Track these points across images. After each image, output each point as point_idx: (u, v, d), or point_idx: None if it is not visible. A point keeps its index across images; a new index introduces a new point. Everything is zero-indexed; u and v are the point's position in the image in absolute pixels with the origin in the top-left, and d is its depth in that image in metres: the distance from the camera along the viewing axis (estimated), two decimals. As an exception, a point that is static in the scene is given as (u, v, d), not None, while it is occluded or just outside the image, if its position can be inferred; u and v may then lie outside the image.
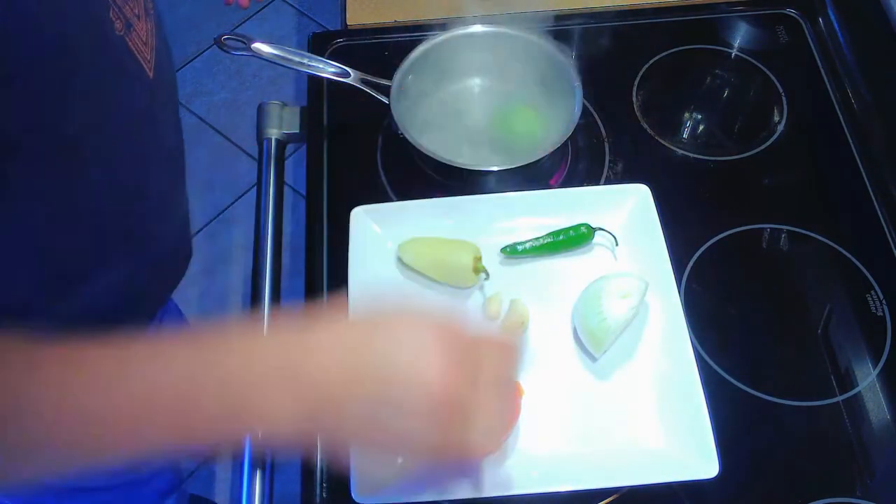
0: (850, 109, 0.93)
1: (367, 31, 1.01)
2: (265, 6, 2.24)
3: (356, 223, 0.77)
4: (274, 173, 0.90)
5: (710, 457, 0.63)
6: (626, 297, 0.70)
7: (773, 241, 0.84)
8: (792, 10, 1.02)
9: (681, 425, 0.67)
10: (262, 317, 0.80)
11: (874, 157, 0.89)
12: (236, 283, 1.79)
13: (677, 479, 0.64)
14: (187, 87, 2.11)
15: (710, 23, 1.02)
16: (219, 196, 1.93)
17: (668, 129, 0.93)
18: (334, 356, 0.47)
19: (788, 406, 0.74)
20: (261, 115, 0.95)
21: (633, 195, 0.78)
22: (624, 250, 0.78)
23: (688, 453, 0.65)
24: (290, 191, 1.18)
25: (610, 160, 0.90)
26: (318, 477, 0.71)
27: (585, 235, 0.77)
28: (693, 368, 0.67)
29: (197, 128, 2.04)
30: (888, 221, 0.85)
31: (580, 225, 0.77)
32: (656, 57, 0.98)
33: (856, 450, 0.72)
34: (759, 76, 0.97)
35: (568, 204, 0.79)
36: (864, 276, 0.81)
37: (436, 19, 0.98)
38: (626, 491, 0.68)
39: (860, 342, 0.77)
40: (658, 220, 0.76)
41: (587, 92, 0.85)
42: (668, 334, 0.71)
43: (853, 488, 0.70)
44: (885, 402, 0.74)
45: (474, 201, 0.79)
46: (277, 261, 0.85)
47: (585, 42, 1.00)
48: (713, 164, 0.90)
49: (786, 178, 0.89)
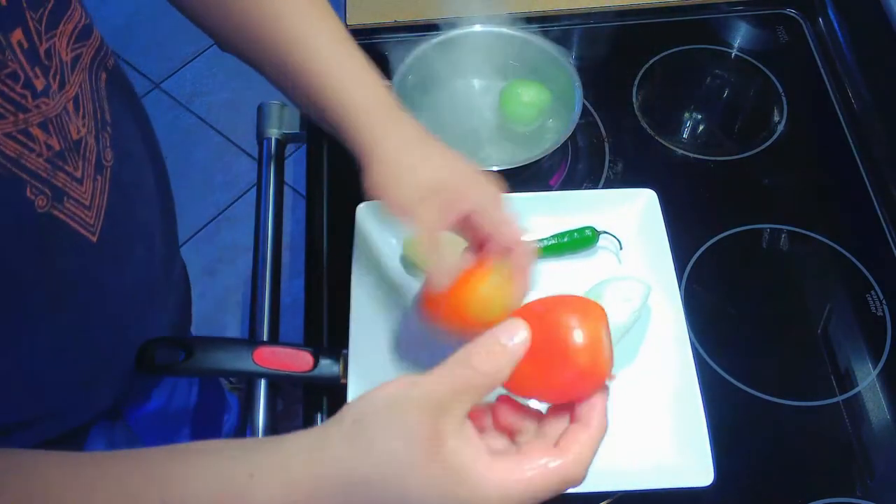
0: (850, 109, 0.93)
1: (367, 31, 1.01)
2: (265, 6, 2.24)
3: (361, 220, 0.77)
4: (274, 173, 0.90)
5: (706, 466, 0.63)
6: (628, 301, 0.70)
7: (773, 241, 0.84)
8: (792, 10, 1.02)
9: (678, 432, 0.67)
10: (262, 319, 0.80)
11: (874, 157, 0.89)
12: (236, 283, 1.79)
13: (671, 485, 0.64)
14: (187, 87, 2.11)
15: (710, 23, 1.02)
16: (219, 196, 1.93)
17: (668, 129, 0.93)
18: None
19: (788, 406, 0.74)
20: (261, 115, 0.95)
21: (640, 199, 0.78)
22: (628, 254, 0.78)
23: (684, 460, 0.65)
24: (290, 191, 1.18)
25: (610, 160, 0.90)
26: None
27: (590, 238, 0.77)
28: (693, 375, 0.67)
29: (197, 128, 2.04)
30: (888, 221, 0.85)
31: (585, 228, 0.77)
32: (656, 57, 0.98)
33: (856, 450, 0.72)
34: (759, 76, 0.97)
35: (573, 207, 0.79)
36: (864, 276, 0.81)
37: (436, 19, 0.98)
38: (619, 496, 0.68)
39: (860, 342, 0.77)
40: (664, 225, 0.76)
41: (587, 92, 0.85)
42: (669, 340, 0.71)
43: (853, 488, 0.70)
44: (885, 402, 0.74)
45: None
46: (277, 261, 0.85)
47: (585, 42, 1.00)
48: (713, 164, 0.90)
49: (786, 178, 0.89)
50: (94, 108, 0.55)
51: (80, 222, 0.52)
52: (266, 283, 0.83)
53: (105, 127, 0.56)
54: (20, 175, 0.46)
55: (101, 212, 0.54)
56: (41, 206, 0.48)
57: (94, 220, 0.54)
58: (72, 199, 0.51)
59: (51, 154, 0.48)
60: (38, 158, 0.47)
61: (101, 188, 0.54)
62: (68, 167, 0.50)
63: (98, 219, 0.54)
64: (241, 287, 1.78)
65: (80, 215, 0.52)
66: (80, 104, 0.53)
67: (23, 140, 0.46)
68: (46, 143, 0.48)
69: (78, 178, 0.52)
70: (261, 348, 0.65)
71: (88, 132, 0.53)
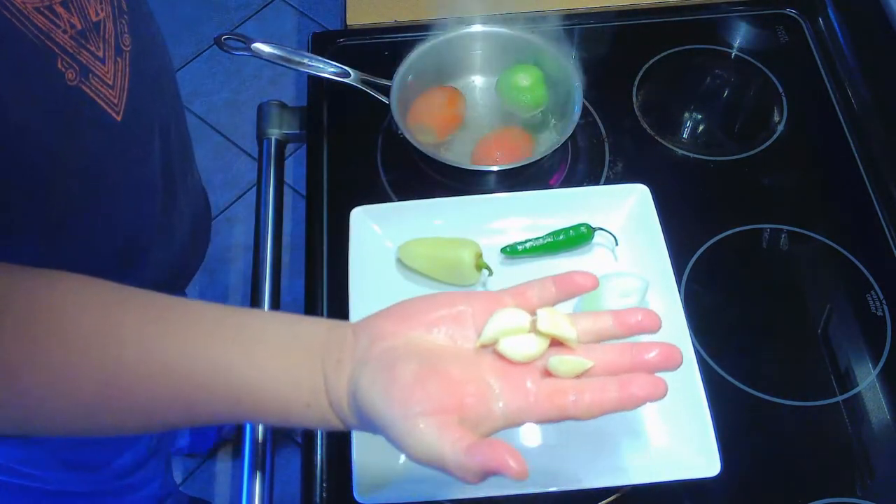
0: (850, 109, 0.93)
1: (367, 31, 1.01)
2: (265, 6, 2.24)
3: (356, 224, 0.77)
4: (274, 173, 0.90)
5: (712, 455, 0.63)
6: (626, 297, 0.70)
7: (773, 241, 0.84)
8: (792, 10, 1.02)
9: (682, 424, 0.67)
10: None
11: (874, 157, 0.89)
12: (236, 283, 1.79)
13: (679, 478, 0.64)
14: (187, 87, 2.11)
15: (710, 23, 1.02)
16: (219, 196, 1.93)
17: (668, 129, 0.93)
18: None
19: (788, 406, 0.74)
20: (261, 115, 0.95)
21: (632, 195, 0.78)
22: (624, 250, 0.78)
23: (689, 452, 0.65)
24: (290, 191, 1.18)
25: (610, 160, 0.90)
26: (318, 477, 0.71)
27: (585, 235, 0.77)
28: (694, 368, 0.67)
29: (197, 128, 2.04)
30: (888, 221, 0.85)
31: (580, 225, 0.77)
32: (656, 57, 0.98)
33: (856, 450, 0.72)
34: (759, 76, 0.97)
35: (568, 204, 0.79)
36: (864, 276, 0.81)
37: (436, 19, 0.98)
38: (627, 490, 0.68)
39: (860, 342, 0.77)
40: (658, 219, 0.76)
41: (587, 92, 0.85)
42: (669, 334, 0.71)
43: (853, 488, 0.70)
44: (885, 402, 0.74)
45: (474, 201, 0.79)
46: (277, 261, 0.85)
47: (585, 42, 1.00)
48: (713, 164, 0.90)
49: (786, 178, 0.89)
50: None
51: (105, 100, 0.54)
52: (266, 283, 0.83)
53: (122, 14, 0.57)
54: (51, 47, 0.47)
55: (124, 93, 0.56)
56: (71, 80, 0.50)
57: (118, 99, 0.55)
58: (96, 77, 0.52)
59: (74, 32, 0.50)
60: (63, 34, 0.49)
61: (122, 70, 0.56)
62: (91, 46, 0.52)
63: (121, 99, 0.56)
64: (241, 287, 1.78)
65: (105, 93, 0.54)
66: None
67: (49, 16, 0.47)
68: (69, 21, 0.49)
69: (100, 57, 0.53)
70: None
71: (107, 16, 0.54)
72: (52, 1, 0.48)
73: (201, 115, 2.07)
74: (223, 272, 1.82)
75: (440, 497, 0.64)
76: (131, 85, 0.57)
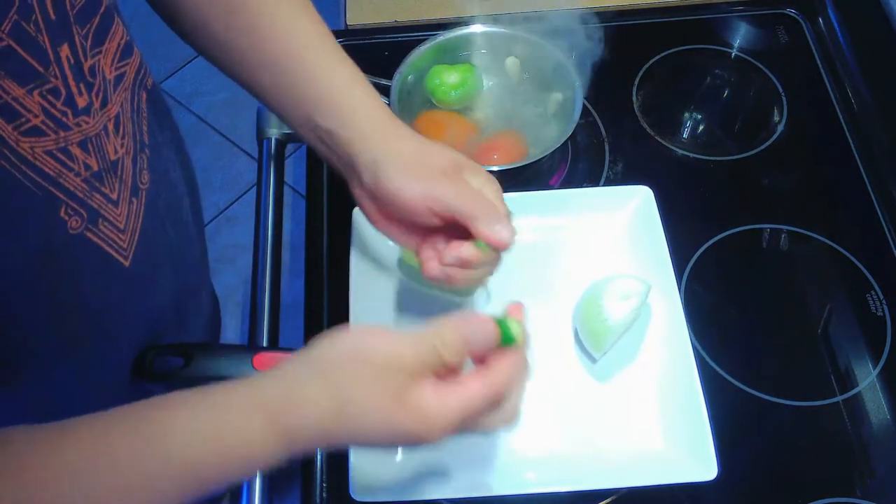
0: (850, 109, 0.93)
1: (367, 31, 1.01)
2: (265, 6, 2.24)
3: (358, 224, 0.77)
4: (274, 173, 0.90)
5: (709, 460, 0.63)
6: (627, 299, 0.70)
7: (773, 241, 0.84)
8: (792, 10, 1.02)
9: (680, 428, 0.67)
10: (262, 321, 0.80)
11: (874, 157, 0.89)
12: (236, 283, 1.79)
13: (675, 481, 0.64)
14: (187, 87, 2.11)
15: (710, 23, 1.02)
16: (219, 196, 1.93)
17: (668, 129, 0.93)
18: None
19: (788, 406, 0.74)
20: (261, 115, 0.95)
21: (636, 197, 0.78)
22: (626, 252, 0.78)
23: (687, 456, 0.65)
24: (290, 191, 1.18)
25: (610, 160, 0.90)
26: (318, 477, 0.71)
27: None
28: (693, 371, 0.67)
29: (197, 128, 2.04)
30: (888, 221, 0.84)
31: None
32: (656, 57, 0.98)
33: (856, 450, 0.72)
34: (759, 76, 0.97)
35: (570, 204, 0.79)
36: (864, 276, 0.81)
37: (436, 19, 0.98)
38: (624, 492, 0.68)
39: (860, 342, 0.77)
40: (660, 222, 0.76)
41: (587, 92, 0.85)
42: (669, 337, 0.71)
43: (853, 488, 0.70)
44: (885, 402, 0.74)
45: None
46: (277, 261, 0.85)
47: (585, 42, 1.00)
48: (713, 164, 0.90)
49: (786, 178, 0.89)
50: (133, 129, 0.54)
51: (113, 245, 0.52)
52: (266, 283, 0.83)
53: (143, 148, 0.55)
54: (56, 194, 0.46)
55: (135, 235, 0.54)
56: (74, 228, 0.48)
57: (128, 243, 0.53)
58: (107, 222, 0.51)
59: (88, 174, 0.48)
60: (76, 178, 0.47)
61: (136, 211, 0.54)
62: (105, 188, 0.50)
63: (132, 243, 0.54)
64: (240, 287, 1.78)
65: (114, 238, 0.52)
66: (121, 124, 0.52)
67: (62, 158, 0.46)
68: (85, 162, 0.48)
69: (114, 199, 0.51)
70: (261, 354, 0.64)
71: (126, 153, 0.52)
72: (69, 142, 0.46)
73: (201, 115, 2.07)
74: (223, 272, 1.82)
75: (437, 496, 0.64)
76: (144, 225, 0.55)
